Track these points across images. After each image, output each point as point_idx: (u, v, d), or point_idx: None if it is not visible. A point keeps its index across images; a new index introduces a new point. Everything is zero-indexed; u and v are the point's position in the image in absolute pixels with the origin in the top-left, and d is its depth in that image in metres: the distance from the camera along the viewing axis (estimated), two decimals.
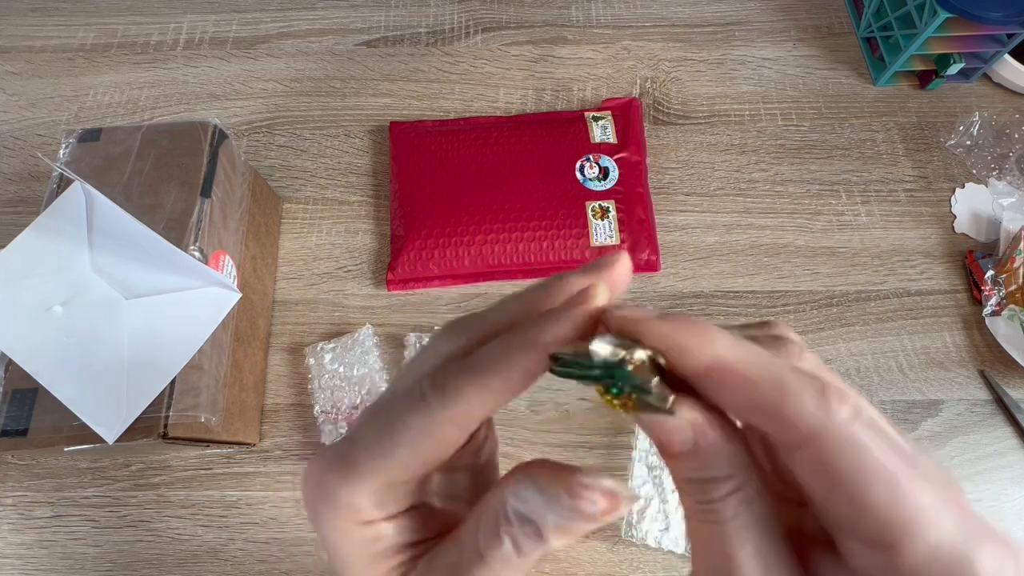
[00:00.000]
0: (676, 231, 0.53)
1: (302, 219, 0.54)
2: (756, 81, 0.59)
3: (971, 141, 0.55)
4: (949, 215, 0.53)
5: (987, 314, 0.48)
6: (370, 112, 0.58)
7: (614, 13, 0.63)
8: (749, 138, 0.56)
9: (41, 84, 0.60)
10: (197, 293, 0.39)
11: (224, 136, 0.44)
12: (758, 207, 0.54)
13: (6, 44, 0.62)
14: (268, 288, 0.50)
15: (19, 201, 0.54)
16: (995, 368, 0.47)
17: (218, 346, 0.40)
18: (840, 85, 0.59)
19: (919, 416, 0.46)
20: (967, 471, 0.44)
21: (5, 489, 0.45)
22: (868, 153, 0.56)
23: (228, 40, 0.62)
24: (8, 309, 0.37)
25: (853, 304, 0.50)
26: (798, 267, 0.51)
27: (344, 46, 0.62)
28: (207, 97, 0.59)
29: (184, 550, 0.43)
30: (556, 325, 0.15)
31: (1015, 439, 0.45)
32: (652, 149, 0.56)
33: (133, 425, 0.35)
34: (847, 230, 0.52)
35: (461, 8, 0.64)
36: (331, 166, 0.56)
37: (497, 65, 0.60)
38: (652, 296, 0.50)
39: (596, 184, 0.52)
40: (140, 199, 0.40)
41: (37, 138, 0.57)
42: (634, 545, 0.42)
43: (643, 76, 0.60)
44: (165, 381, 0.36)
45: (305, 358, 0.47)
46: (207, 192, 0.41)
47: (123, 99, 0.59)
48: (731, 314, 0.49)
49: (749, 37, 0.62)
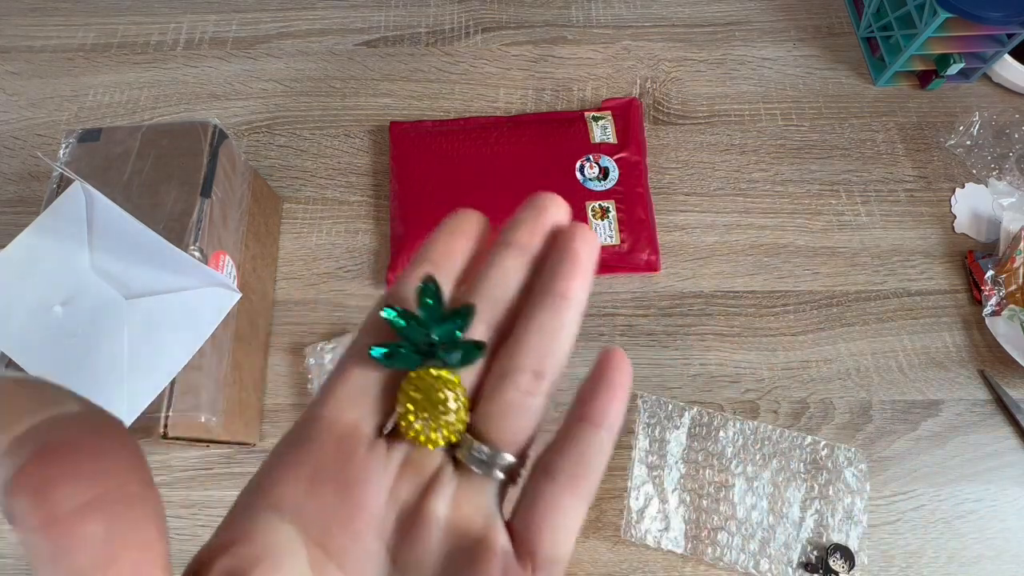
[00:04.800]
0: (676, 231, 0.53)
1: (302, 219, 0.54)
2: (756, 81, 0.59)
3: (971, 141, 0.55)
4: (949, 215, 0.53)
5: (987, 314, 0.48)
6: (370, 112, 0.58)
7: (614, 13, 0.63)
8: (749, 138, 0.56)
9: (41, 84, 0.60)
10: (197, 293, 0.39)
11: (224, 136, 0.44)
12: (758, 207, 0.54)
13: (6, 44, 0.62)
14: (268, 288, 0.50)
15: (19, 201, 0.54)
16: (995, 368, 0.47)
17: (218, 346, 0.40)
18: (840, 85, 0.59)
19: (919, 416, 0.46)
20: (967, 471, 0.45)
21: None
22: (868, 153, 0.56)
23: (228, 40, 0.62)
24: (8, 309, 0.37)
25: (853, 304, 0.50)
26: (798, 267, 0.51)
27: (344, 46, 0.62)
28: (207, 97, 0.59)
29: (184, 550, 0.43)
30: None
31: (1015, 439, 0.45)
32: (652, 149, 0.56)
33: (133, 425, 0.35)
34: (847, 230, 0.52)
35: (461, 8, 0.64)
36: (331, 166, 0.56)
37: (497, 65, 0.60)
38: (652, 296, 0.50)
39: (596, 184, 0.52)
40: (140, 199, 0.40)
41: (37, 138, 0.57)
42: (634, 545, 0.42)
43: (643, 76, 0.60)
44: (165, 381, 0.36)
45: (305, 358, 0.47)
46: (207, 192, 0.41)
47: (123, 99, 0.59)
48: (731, 314, 0.49)
49: (749, 37, 0.62)
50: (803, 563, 0.42)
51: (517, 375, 0.18)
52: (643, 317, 0.50)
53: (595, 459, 0.18)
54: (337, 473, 0.17)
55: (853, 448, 0.44)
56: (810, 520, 0.43)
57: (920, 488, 0.44)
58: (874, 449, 0.45)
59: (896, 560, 0.42)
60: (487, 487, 0.18)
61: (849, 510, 0.43)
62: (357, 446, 0.17)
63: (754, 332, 0.49)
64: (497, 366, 0.19)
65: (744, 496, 0.43)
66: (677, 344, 0.49)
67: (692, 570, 0.42)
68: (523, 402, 0.18)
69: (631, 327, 0.49)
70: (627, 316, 0.50)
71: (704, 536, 0.42)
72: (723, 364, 0.48)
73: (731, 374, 0.48)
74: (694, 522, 0.43)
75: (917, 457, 0.45)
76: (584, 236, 0.19)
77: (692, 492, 0.43)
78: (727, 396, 0.47)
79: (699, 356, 0.48)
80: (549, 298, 0.19)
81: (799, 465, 0.44)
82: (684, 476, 0.44)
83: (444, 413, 0.17)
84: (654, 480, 0.44)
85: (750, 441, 0.45)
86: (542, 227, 0.20)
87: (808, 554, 0.42)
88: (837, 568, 0.41)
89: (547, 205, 0.20)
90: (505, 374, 0.18)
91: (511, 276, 0.19)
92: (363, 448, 0.18)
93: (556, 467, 0.18)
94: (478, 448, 0.18)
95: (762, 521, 0.43)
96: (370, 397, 0.18)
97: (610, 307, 0.50)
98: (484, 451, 0.18)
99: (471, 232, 0.20)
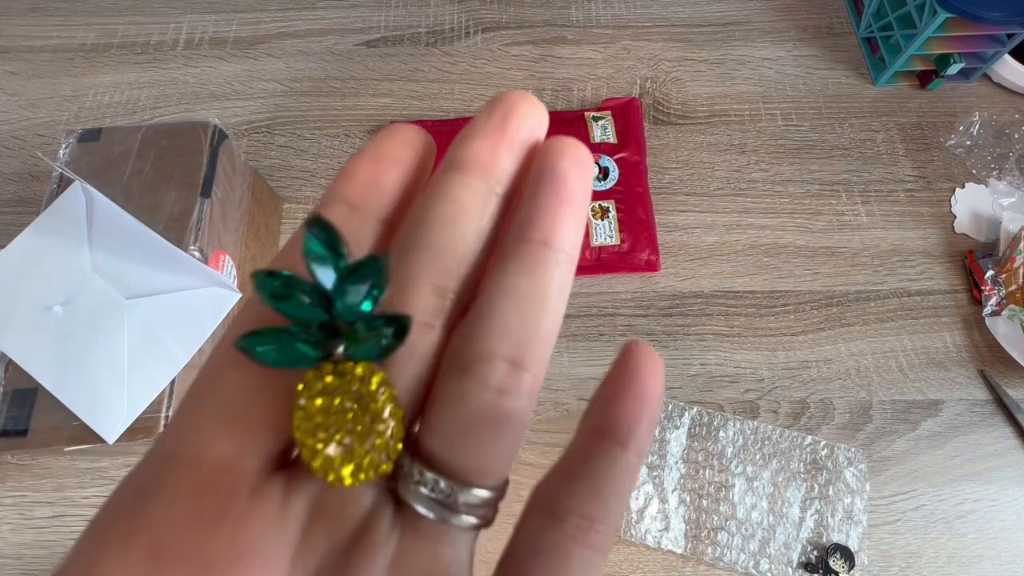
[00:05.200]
0: (676, 231, 0.53)
1: (302, 219, 0.53)
2: (756, 81, 0.59)
3: (971, 141, 0.55)
4: (949, 215, 0.53)
5: (987, 314, 0.48)
6: (370, 112, 0.58)
7: (614, 13, 0.63)
8: (749, 138, 0.56)
9: (41, 84, 0.60)
10: (197, 293, 0.39)
11: (224, 136, 0.44)
12: (758, 207, 0.54)
13: (6, 44, 0.62)
14: None
15: (19, 201, 0.54)
16: (995, 368, 0.47)
17: None
18: (840, 85, 0.59)
19: (919, 416, 0.46)
20: (967, 471, 0.45)
21: (5, 489, 0.45)
22: (868, 153, 0.56)
23: (228, 40, 0.62)
24: (8, 309, 0.37)
25: (853, 304, 0.50)
26: (798, 267, 0.51)
27: (344, 46, 0.62)
28: (207, 97, 0.59)
29: None
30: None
31: (1015, 439, 0.45)
32: (652, 149, 0.56)
33: (133, 425, 0.35)
34: (847, 230, 0.52)
35: (461, 8, 0.64)
36: (331, 166, 0.56)
37: (497, 65, 0.60)
38: (652, 296, 0.50)
39: (596, 184, 0.52)
40: (140, 199, 0.40)
41: (37, 138, 0.57)
42: (634, 545, 0.42)
43: (643, 76, 0.60)
44: (165, 381, 0.36)
45: None
46: (207, 192, 0.41)
47: (123, 99, 0.59)
48: (731, 314, 0.49)
49: (749, 37, 0.62)
50: (803, 563, 0.42)
51: (484, 367, 0.12)
52: (643, 317, 0.50)
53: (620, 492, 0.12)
54: (196, 545, 0.11)
55: (853, 448, 0.44)
56: (810, 520, 0.43)
57: (920, 488, 0.44)
58: (874, 449, 0.45)
59: (896, 560, 0.42)
60: (448, 539, 0.12)
61: (849, 510, 0.43)
62: (234, 494, 0.11)
63: (754, 332, 0.49)
64: (452, 354, 0.12)
65: (744, 496, 0.43)
66: (677, 344, 0.49)
67: (692, 570, 0.42)
68: (497, 406, 0.12)
69: (631, 327, 0.49)
70: (627, 316, 0.50)
71: (704, 536, 0.42)
72: (723, 364, 0.48)
73: (731, 374, 0.48)
74: (694, 522, 0.43)
75: (917, 457, 0.45)
76: (574, 153, 0.13)
77: (692, 492, 0.43)
78: (727, 396, 0.47)
79: (699, 356, 0.48)
80: (526, 247, 0.13)
81: (799, 465, 0.44)
82: (684, 476, 0.44)
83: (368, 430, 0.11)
84: (654, 480, 0.44)
85: (750, 441, 0.45)
86: (510, 139, 0.13)
87: (808, 554, 0.42)
88: (837, 568, 0.41)
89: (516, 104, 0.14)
90: (466, 365, 0.12)
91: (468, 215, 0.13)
92: (243, 496, 0.11)
93: (565, 504, 0.12)
94: (430, 481, 0.12)
95: (762, 521, 0.43)
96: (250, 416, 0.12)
97: (610, 307, 0.50)
98: (440, 485, 0.12)
99: (405, 155, 0.14)
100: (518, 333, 0.12)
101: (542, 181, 0.13)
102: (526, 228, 0.13)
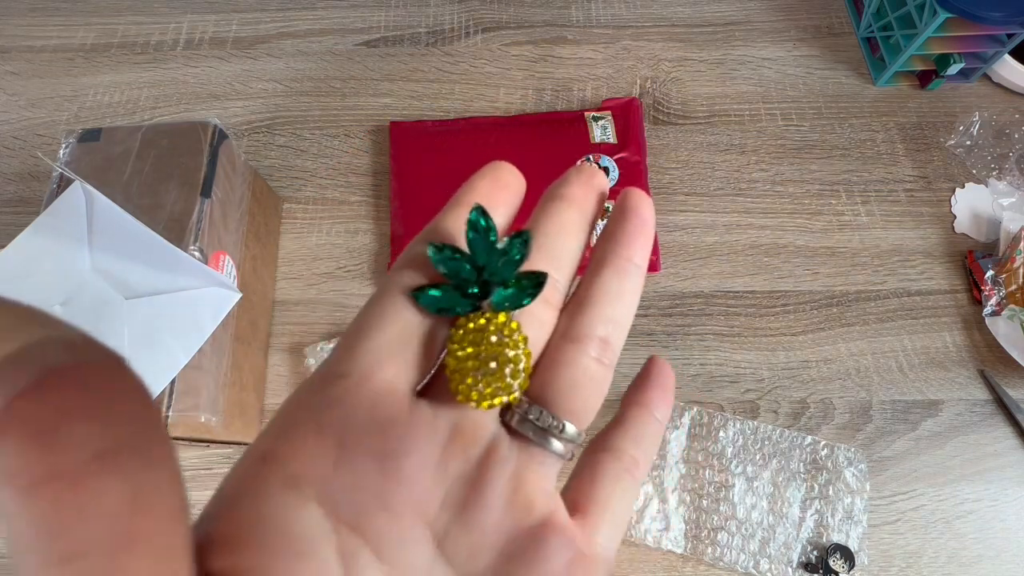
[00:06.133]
0: (676, 231, 0.53)
1: (302, 219, 0.54)
2: (756, 81, 0.59)
3: (971, 141, 0.55)
4: (949, 215, 0.53)
5: (987, 314, 0.48)
6: (370, 112, 0.58)
7: (614, 13, 0.63)
8: (749, 138, 0.56)
9: (41, 84, 0.60)
10: (197, 293, 0.39)
11: (224, 136, 0.44)
12: (758, 207, 0.54)
13: (6, 44, 0.62)
14: (268, 288, 0.50)
15: (19, 201, 0.54)
16: (995, 368, 0.47)
17: (218, 346, 0.40)
18: (840, 85, 0.59)
19: (919, 416, 0.46)
20: (967, 471, 0.45)
21: None
22: (868, 153, 0.56)
23: (228, 40, 0.62)
24: None
25: (853, 304, 0.50)
26: (798, 267, 0.51)
27: (344, 46, 0.62)
28: (207, 97, 0.59)
29: None
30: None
31: (1015, 439, 0.45)
32: (652, 149, 0.56)
33: None
34: (847, 230, 0.52)
35: (461, 8, 0.64)
36: (331, 166, 0.56)
37: (497, 65, 0.60)
38: (652, 296, 0.50)
39: None
40: (140, 199, 0.40)
41: (37, 138, 0.57)
42: (634, 545, 0.42)
43: (643, 76, 0.60)
44: (165, 381, 0.36)
45: (305, 358, 0.47)
46: (207, 192, 0.41)
47: (123, 99, 0.59)
48: (731, 314, 0.49)
49: (749, 37, 0.62)
50: (803, 563, 0.42)
51: (588, 340, 0.16)
52: (643, 317, 0.50)
53: (653, 444, 0.18)
54: (373, 441, 0.14)
55: (853, 448, 0.44)
56: (810, 520, 0.43)
57: (920, 488, 0.44)
58: (874, 449, 0.45)
59: (896, 560, 0.42)
60: (549, 462, 0.16)
61: (849, 510, 0.43)
62: (397, 409, 0.15)
63: (754, 332, 0.49)
64: (564, 328, 0.17)
65: (744, 496, 0.43)
66: (677, 344, 0.49)
67: (692, 570, 0.42)
68: (593, 369, 0.16)
69: (631, 327, 0.49)
70: None
71: (704, 536, 0.42)
72: (723, 364, 0.48)
73: (731, 374, 0.48)
74: (694, 522, 0.43)
75: (917, 457, 0.45)
76: (646, 201, 0.18)
77: (692, 492, 0.43)
78: (727, 396, 0.47)
79: (699, 356, 0.48)
80: (616, 260, 0.17)
81: (799, 465, 0.44)
82: (684, 476, 0.44)
83: (502, 368, 0.14)
84: (654, 480, 0.44)
85: (750, 441, 0.45)
86: (593, 187, 0.18)
87: (808, 554, 0.42)
88: (837, 568, 0.41)
89: (593, 170, 0.19)
90: (576, 337, 0.16)
91: (571, 230, 0.18)
92: (404, 412, 0.15)
93: (619, 446, 0.17)
94: (544, 416, 0.15)
95: (762, 521, 0.43)
96: (410, 349, 0.15)
97: None
98: (550, 420, 0.15)
99: (512, 185, 0.18)
100: (609, 320, 0.17)
101: (627, 217, 0.18)
102: (619, 247, 0.18)
